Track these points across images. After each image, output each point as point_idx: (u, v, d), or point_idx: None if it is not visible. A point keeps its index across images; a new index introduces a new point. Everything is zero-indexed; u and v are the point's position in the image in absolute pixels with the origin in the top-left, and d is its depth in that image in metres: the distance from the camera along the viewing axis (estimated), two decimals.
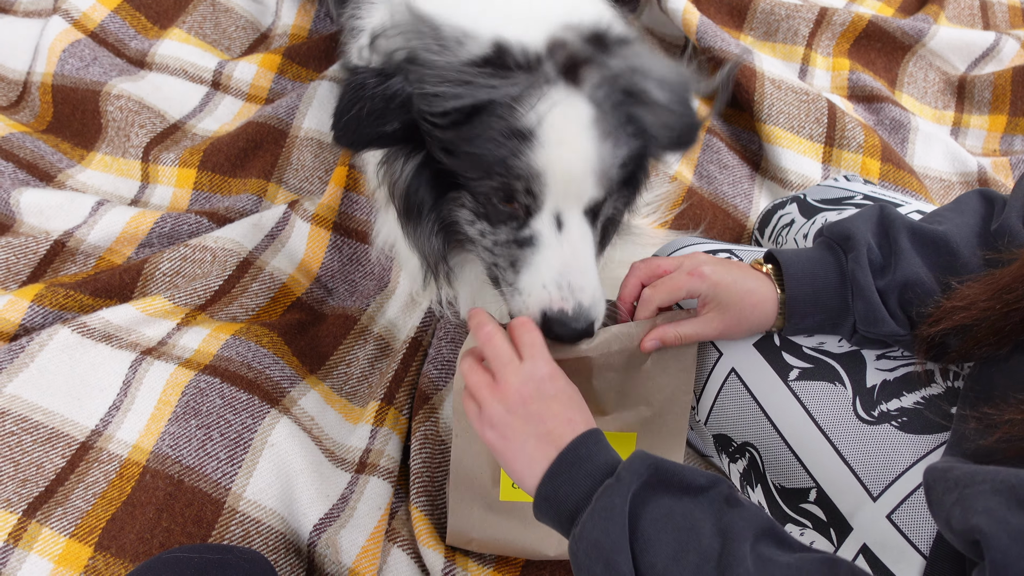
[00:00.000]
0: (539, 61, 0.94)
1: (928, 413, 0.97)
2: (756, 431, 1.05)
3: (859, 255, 0.96)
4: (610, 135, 0.94)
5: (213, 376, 1.26)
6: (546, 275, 0.96)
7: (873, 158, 1.74)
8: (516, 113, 0.91)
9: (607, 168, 0.96)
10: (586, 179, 0.95)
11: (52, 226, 1.51)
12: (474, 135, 0.94)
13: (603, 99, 0.94)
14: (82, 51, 1.79)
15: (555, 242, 0.96)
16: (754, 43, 2.04)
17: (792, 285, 0.98)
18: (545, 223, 0.97)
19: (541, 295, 0.96)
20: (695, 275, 0.99)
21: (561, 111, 0.91)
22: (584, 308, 0.96)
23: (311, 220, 1.53)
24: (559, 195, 0.95)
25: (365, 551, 1.11)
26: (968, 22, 2.26)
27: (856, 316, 0.98)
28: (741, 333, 1.03)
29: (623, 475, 0.77)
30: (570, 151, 0.92)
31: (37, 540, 1.12)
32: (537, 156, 0.92)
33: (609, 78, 0.94)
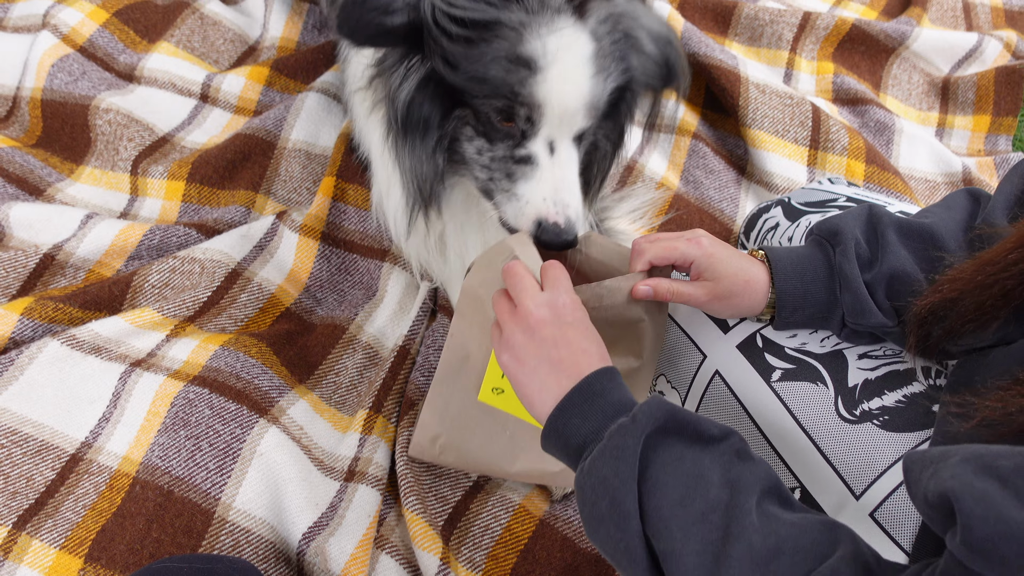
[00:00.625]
0: None
1: (910, 411, 0.98)
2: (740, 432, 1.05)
3: (846, 249, 0.98)
4: (604, 70, 1.01)
5: (202, 387, 1.27)
6: (545, 189, 1.06)
7: (858, 160, 1.75)
8: (524, 39, 0.95)
9: (597, 101, 1.03)
10: (579, 111, 1.02)
11: (41, 239, 1.52)
12: (481, 53, 0.98)
13: (604, 35, 1.00)
14: (71, 66, 1.80)
15: (548, 163, 1.06)
16: (739, 48, 2.06)
17: (781, 280, 1.00)
18: (540, 146, 1.06)
19: (540, 206, 1.06)
20: (692, 241, 1.02)
21: (566, 44, 0.96)
22: (571, 221, 1.06)
23: (299, 230, 1.54)
24: (554, 124, 1.03)
25: (354, 558, 1.12)
26: (951, 24, 2.28)
27: (844, 308, 0.99)
28: (728, 310, 1.03)
29: (639, 416, 0.78)
30: (570, 85, 0.98)
31: (27, 552, 1.12)
32: (540, 87, 0.97)
33: (613, 16, 1.00)
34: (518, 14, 0.96)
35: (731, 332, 1.10)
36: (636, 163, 1.79)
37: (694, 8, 2.07)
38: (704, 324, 1.13)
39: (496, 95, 1.00)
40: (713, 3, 2.08)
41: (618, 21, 1.01)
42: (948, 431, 0.85)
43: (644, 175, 1.77)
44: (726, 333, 1.10)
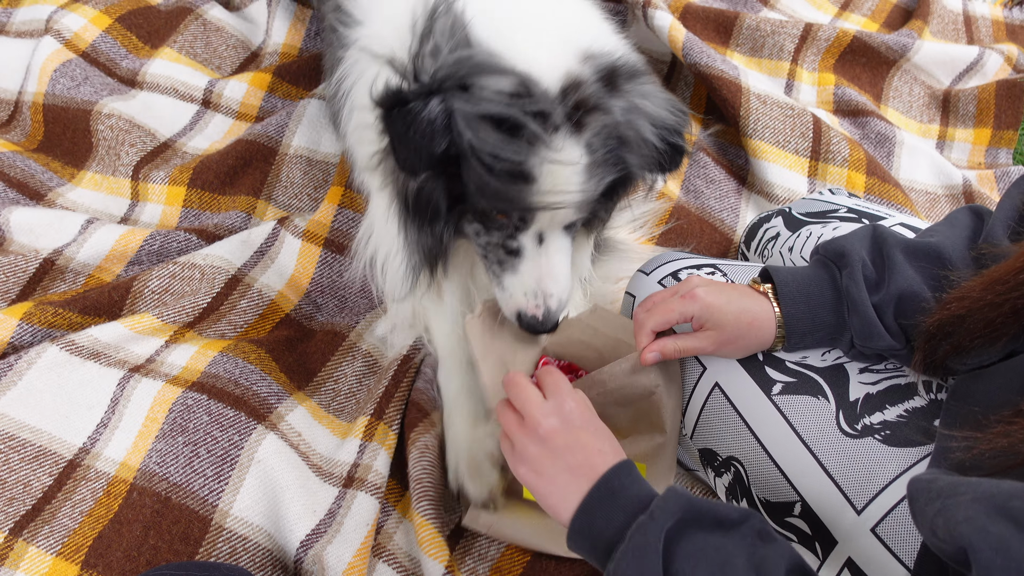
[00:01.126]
0: (554, 105, 0.98)
1: (911, 426, 0.97)
2: (740, 445, 1.05)
3: (853, 271, 0.98)
4: (596, 175, 1.04)
5: (200, 393, 1.27)
6: (526, 283, 1.12)
7: (858, 172, 1.75)
8: (521, 155, 0.97)
9: (588, 199, 1.07)
10: (569, 211, 1.07)
11: (42, 244, 1.52)
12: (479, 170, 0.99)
13: (599, 147, 1.02)
14: (73, 71, 1.80)
15: (535, 255, 1.11)
16: (740, 59, 2.07)
17: (788, 304, 1.00)
18: (529, 239, 1.11)
19: (520, 300, 1.14)
20: (687, 297, 1.02)
21: (560, 159, 0.99)
22: (551, 311, 1.13)
23: (302, 236, 1.54)
24: (545, 222, 1.08)
25: (352, 567, 1.11)
26: (952, 37, 2.29)
27: (853, 331, 0.99)
28: (739, 351, 1.05)
29: (656, 512, 0.78)
30: (561, 195, 1.02)
31: (23, 559, 1.12)
32: (533, 196, 1.01)
33: (609, 126, 1.01)
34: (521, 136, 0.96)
35: None
36: None
37: (696, 18, 2.08)
38: None
39: (493, 200, 1.03)
40: (715, 13, 2.09)
41: (614, 130, 1.02)
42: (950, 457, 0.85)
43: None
44: None
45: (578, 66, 1.02)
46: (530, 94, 0.97)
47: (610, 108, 1.01)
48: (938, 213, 1.85)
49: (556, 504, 0.87)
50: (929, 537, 0.66)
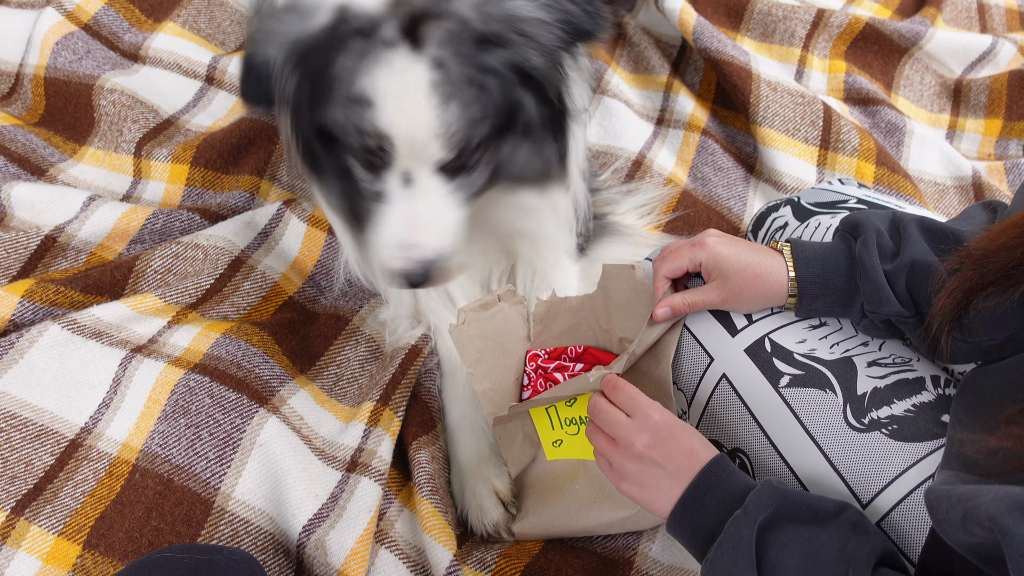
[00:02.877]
0: (376, 25, 0.90)
1: (919, 421, 0.97)
2: (746, 437, 1.05)
3: (867, 239, 0.99)
4: (455, 96, 0.91)
5: (203, 375, 1.26)
6: (387, 234, 1.00)
7: (868, 162, 1.74)
8: (354, 80, 0.91)
9: (456, 131, 0.94)
10: (430, 143, 0.94)
11: (43, 220, 1.50)
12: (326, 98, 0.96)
13: (448, 57, 0.90)
14: (75, 44, 1.78)
15: (399, 200, 0.99)
16: (751, 44, 2.04)
17: (802, 267, 1.02)
18: (393, 181, 0.99)
19: (384, 255, 1.01)
20: (697, 245, 1.06)
21: (397, 79, 0.90)
22: (424, 262, 1.00)
23: (308, 220, 1.52)
24: (406, 156, 0.96)
25: (354, 553, 1.11)
26: (965, 25, 2.26)
27: (863, 296, 1.00)
28: (746, 304, 1.07)
29: (750, 507, 0.82)
30: (408, 118, 0.92)
31: (25, 538, 1.12)
32: (379, 121, 0.92)
33: (455, 32, 0.91)
34: (345, 59, 0.92)
35: (739, 336, 1.09)
36: (644, 158, 1.77)
37: (706, 1, 2.05)
38: (711, 327, 1.12)
39: (346, 133, 0.97)
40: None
41: (462, 34, 0.91)
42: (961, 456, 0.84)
43: (652, 170, 1.75)
44: (734, 337, 1.09)
45: None
46: (345, 21, 0.92)
47: (451, 11, 0.91)
48: (947, 204, 1.83)
49: (662, 506, 0.91)
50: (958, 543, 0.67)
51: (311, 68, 0.96)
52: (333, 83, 0.94)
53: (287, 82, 0.99)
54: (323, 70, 0.94)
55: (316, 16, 0.96)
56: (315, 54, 0.95)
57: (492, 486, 1.24)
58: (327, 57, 0.94)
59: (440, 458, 1.28)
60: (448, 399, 1.35)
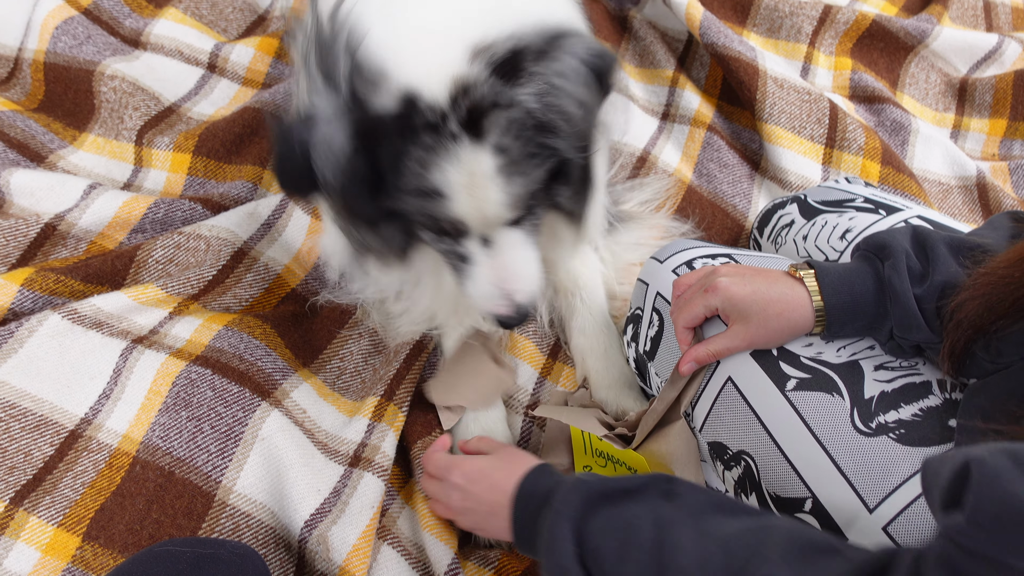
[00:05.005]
0: (444, 119, 0.90)
1: (926, 425, 0.97)
2: (752, 440, 1.04)
3: (897, 262, 0.97)
4: (518, 172, 0.96)
5: (204, 367, 1.25)
6: (483, 287, 1.09)
7: (873, 161, 1.73)
8: (426, 175, 0.93)
9: (520, 197, 0.99)
10: (500, 213, 1.00)
11: (43, 208, 1.49)
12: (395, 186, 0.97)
13: (509, 143, 0.93)
14: (75, 28, 1.76)
15: (485, 258, 1.07)
16: (757, 40, 2.03)
17: (829, 294, 0.99)
18: (475, 245, 1.06)
19: (486, 304, 1.10)
20: (709, 291, 1.02)
21: (466, 171, 0.93)
22: (520, 305, 1.09)
23: (312, 213, 1.51)
24: (480, 227, 1.03)
25: (356, 549, 1.11)
26: (971, 23, 2.25)
27: (893, 322, 0.98)
28: (773, 340, 1.03)
29: (558, 506, 0.84)
30: (482, 202, 0.97)
31: (24, 529, 1.11)
32: (451, 208, 0.97)
33: (516, 121, 0.92)
34: (416, 152, 0.92)
35: None
36: (649, 154, 1.76)
37: None
38: (717, 328, 1.11)
39: (419, 216, 1.02)
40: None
41: (523, 123, 0.93)
42: None
43: (657, 167, 1.74)
44: None
45: (466, 66, 0.90)
46: (415, 110, 0.90)
47: (513, 100, 0.91)
48: (951, 205, 1.83)
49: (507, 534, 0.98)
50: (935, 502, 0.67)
51: (378, 155, 0.94)
52: (403, 174, 0.94)
53: (347, 167, 0.93)
54: (392, 159, 0.93)
55: (380, 97, 0.91)
56: (382, 141, 0.93)
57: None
58: (396, 147, 0.92)
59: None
60: None
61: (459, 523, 1.10)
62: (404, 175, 0.94)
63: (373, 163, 0.94)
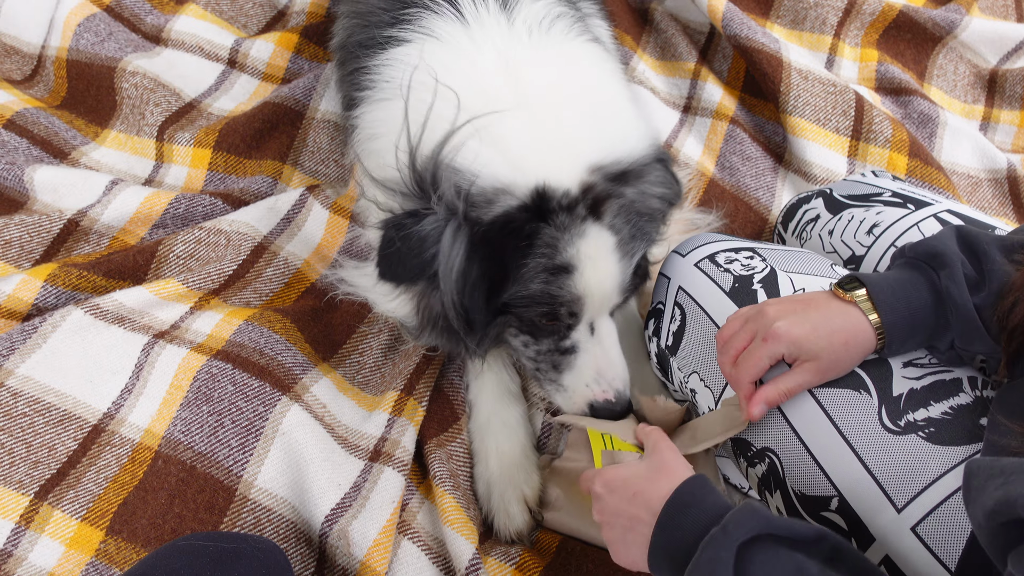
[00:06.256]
0: (576, 202, 1.06)
1: (956, 424, 0.95)
2: (777, 437, 1.03)
3: (953, 272, 0.93)
4: (627, 253, 1.11)
5: (225, 362, 1.25)
6: (588, 375, 1.16)
7: (900, 153, 1.70)
8: (558, 252, 1.06)
9: (626, 279, 1.14)
10: (614, 294, 1.13)
11: (66, 204, 1.50)
12: (521, 274, 1.07)
13: (620, 225, 1.10)
14: (97, 25, 1.77)
15: (591, 346, 1.16)
16: (781, 31, 2.00)
17: (886, 312, 0.95)
18: (582, 332, 1.15)
19: (586, 392, 1.17)
20: (770, 340, 0.97)
21: (593, 244, 1.07)
22: (620, 392, 1.17)
23: (331, 208, 1.51)
24: (594, 309, 1.13)
25: (377, 544, 1.11)
26: (1001, 14, 2.20)
27: (955, 334, 0.95)
28: (844, 371, 0.99)
29: (730, 526, 0.77)
30: (603, 276, 1.09)
31: (49, 523, 1.12)
32: (577, 285, 1.08)
33: (626, 206, 1.10)
34: (549, 232, 1.05)
35: None
36: (671, 147, 1.74)
37: None
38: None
39: (538, 303, 1.10)
40: None
41: (632, 208, 1.11)
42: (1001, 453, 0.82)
43: (679, 159, 1.72)
44: None
45: (588, 176, 1.08)
46: (549, 197, 1.05)
47: (623, 193, 1.10)
48: (980, 198, 1.79)
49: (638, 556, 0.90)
50: (981, 515, 0.64)
51: (500, 246, 1.06)
52: (534, 257, 1.06)
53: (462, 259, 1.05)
54: (521, 247, 1.06)
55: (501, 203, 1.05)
56: (508, 232, 1.05)
57: (522, 493, 1.23)
58: (526, 233, 1.05)
59: (461, 455, 1.27)
60: (476, 396, 1.33)
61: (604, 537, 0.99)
62: (536, 256, 1.06)
63: (486, 269, 1.06)
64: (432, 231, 1.04)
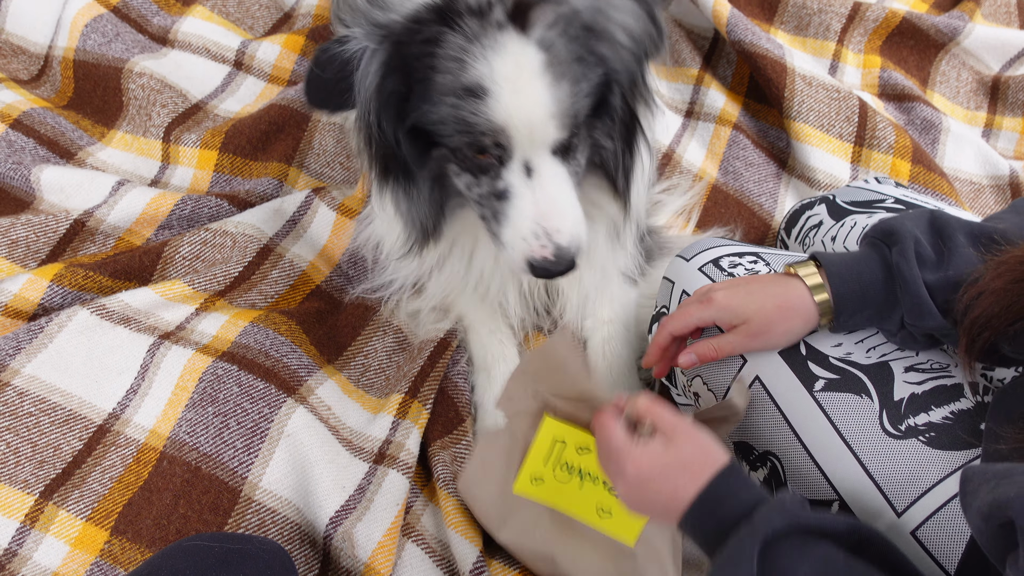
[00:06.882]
0: (490, 6, 0.89)
1: (957, 429, 0.95)
2: (779, 440, 1.03)
3: (904, 248, 0.94)
4: (565, 75, 0.92)
5: (231, 363, 1.26)
6: (523, 226, 0.99)
7: (903, 159, 1.71)
8: (466, 68, 0.89)
9: (567, 108, 0.94)
10: (547, 124, 0.94)
11: (72, 205, 1.51)
12: (428, 93, 0.93)
13: (556, 39, 0.91)
14: (104, 26, 1.77)
15: (527, 190, 0.98)
16: (784, 37, 2.01)
17: (837, 283, 0.97)
18: (515, 173, 0.98)
19: (522, 247, 1.00)
20: (704, 302, 1.00)
21: (511, 61, 0.89)
22: (564, 248, 0.99)
23: (338, 209, 1.52)
24: (524, 144, 0.95)
25: (381, 546, 1.11)
26: (1004, 20, 2.21)
27: (904, 309, 0.96)
28: (779, 339, 1.01)
29: (757, 523, 0.77)
30: (526, 100, 0.91)
31: (54, 522, 1.13)
32: (494, 111, 0.91)
33: (565, 16, 0.92)
34: (456, 41, 0.89)
35: None
36: (674, 152, 1.75)
37: None
38: None
39: (457, 131, 0.95)
40: None
41: (571, 19, 0.92)
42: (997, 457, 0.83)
43: (682, 165, 1.73)
44: None
45: None
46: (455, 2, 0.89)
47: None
48: (982, 204, 1.80)
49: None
50: (976, 519, 0.65)
51: (410, 57, 0.91)
52: (439, 72, 0.90)
53: (376, 76, 0.93)
54: (426, 58, 0.90)
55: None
56: (416, 40, 0.90)
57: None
58: (432, 42, 0.89)
59: (465, 458, 1.27)
60: (482, 398, 1.33)
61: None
62: (442, 71, 0.89)
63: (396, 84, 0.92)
64: (355, 52, 0.93)
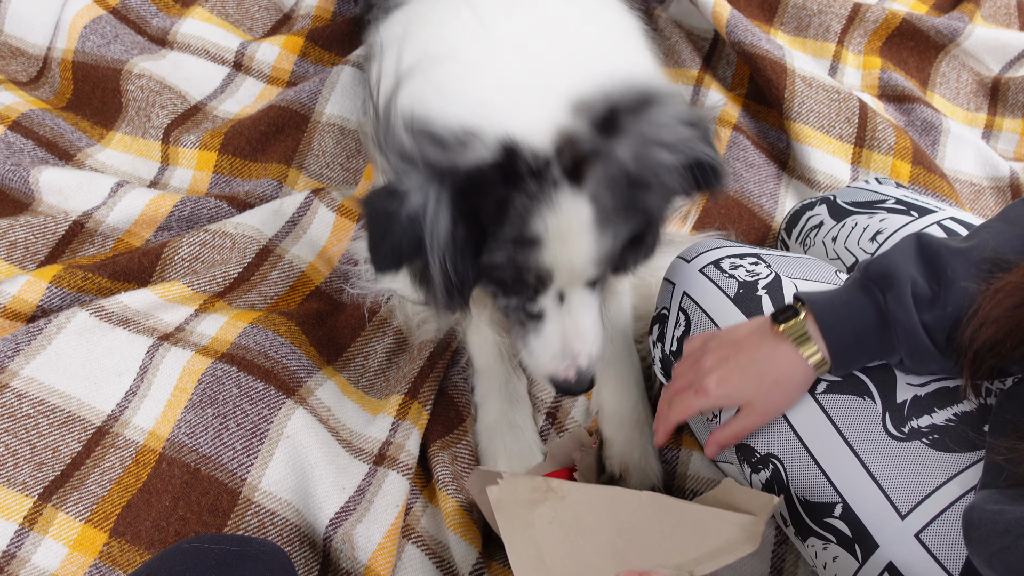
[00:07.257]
0: (548, 165, 0.91)
1: (960, 431, 0.95)
2: (781, 443, 1.03)
3: (900, 293, 0.91)
4: (610, 225, 0.97)
5: (230, 364, 1.25)
6: (552, 346, 1.08)
7: (904, 160, 1.71)
8: (526, 223, 0.93)
9: (608, 253, 1.00)
10: (587, 268, 1.01)
11: (71, 206, 1.50)
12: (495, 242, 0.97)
13: (604, 195, 0.94)
14: (103, 28, 1.77)
15: (557, 315, 1.06)
16: (784, 38, 2.00)
17: (831, 337, 0.96)
18: (549, 299, 1.06)
19: (549, 365, 1.09)
20: (700, 393, 1.02)
21: (565, 218, 0.93)
22: (583, 370, 1.08)
23: (337, 210, 1.51)
24: (564, 280, 1.02)
25: (381, 548, 1.11)
26: (1004, 22, 2.21)
27: (903, 355, 0.95)
28: (785, 403, 1.01)
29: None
30: (573, 249, 0.97)
31: (52, 524, 1.12)
32: (543, 257, 0.97)
33: (614, 173, 0.94)
34: (520, 200, 0.92)
35: None
36: None
37: None
38: None
39: (507, 269, 1.00)
40: None
41: (622, 175, 0.94)
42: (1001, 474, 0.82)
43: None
44: None
45: (569, 119, 0.92)
46: (516, 157, 0.90)
47: (612, 153, 0.92)
48: (983, 206, 1.80)
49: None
50: (984, 566, 0.64)
51: (478, 208, 0.93)
52: (505, 226, 0.94)
53: (448, 224, 0.92)
54: (495, 213, 0.93)
55: (474, 150, 0.91)
56: (484, 195, 0.92)
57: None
58: (501, 203, 0.92)
59: (465, 457, 1.27)
60: (483, 398, 1.33)
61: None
62: (507, 224, 0.93)
63: (470, 230, 0.94)
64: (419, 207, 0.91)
